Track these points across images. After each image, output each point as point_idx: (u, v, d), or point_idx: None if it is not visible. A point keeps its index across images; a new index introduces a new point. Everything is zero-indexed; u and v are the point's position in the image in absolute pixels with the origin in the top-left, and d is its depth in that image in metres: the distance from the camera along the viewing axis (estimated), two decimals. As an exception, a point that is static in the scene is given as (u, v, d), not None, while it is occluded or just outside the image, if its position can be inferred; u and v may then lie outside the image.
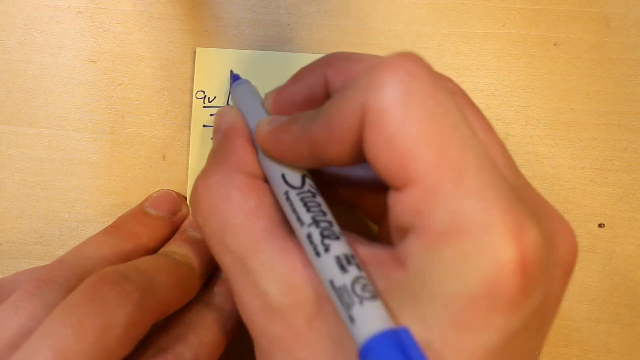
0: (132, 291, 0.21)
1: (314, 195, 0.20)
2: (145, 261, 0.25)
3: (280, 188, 0.21)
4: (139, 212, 0.28)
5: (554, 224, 0.19)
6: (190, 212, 0.22)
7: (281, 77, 0.29)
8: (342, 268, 0.18)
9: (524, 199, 0.18)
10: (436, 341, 0.17)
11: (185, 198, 0.30)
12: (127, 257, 0.26)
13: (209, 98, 0.30)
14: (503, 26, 0.30)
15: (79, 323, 0.20)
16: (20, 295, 0.22)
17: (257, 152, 0.23)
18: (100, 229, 0.30)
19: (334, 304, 0.18)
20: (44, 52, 0.30)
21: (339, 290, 0.18)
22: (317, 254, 0.19)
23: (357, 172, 0.26)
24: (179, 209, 0.29)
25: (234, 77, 0.29)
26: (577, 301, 0.30)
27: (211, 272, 0.28)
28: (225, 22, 0.30)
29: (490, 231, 0.16)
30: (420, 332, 0.17)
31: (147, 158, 0.30)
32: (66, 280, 0.23)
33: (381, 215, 0.25)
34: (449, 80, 0.21)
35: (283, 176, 0.21)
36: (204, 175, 0.22)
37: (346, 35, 0.30)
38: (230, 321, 0.26)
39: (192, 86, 0.30)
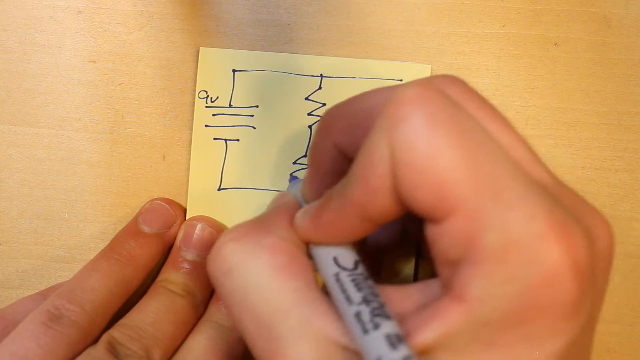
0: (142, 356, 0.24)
1: (366, 278, 0.19)
2: (145, 316, 0.26)
3: (330, 270, 0.20)
4: (135, 232, 0.29)
5: (589, 217, 0.19)
6: (208, 269, 0.21)
7: (283, 78, 0.29)
8: (392, 345, 0.17)
9: (559, 198, 0.18)
10: None
11: (179, 205, 0.30)
12: (128, 282, 0.27)
13: (211, 98, 0.30)
14: (503, 26, 0.30)
15: None
16: (37, 326, 0.24)
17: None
18: (100, 229, 0.30)
19: None
20: (44, 52, 0.30)
21: None
22: (365, 331, 0.17)
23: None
24: (173, 221, 0.29)
25: (292, 178, 0.29)
26: (577, 301, 0.30)
27: (212, 289, 0.29)
28: (225, 22, 0.30)
29: (541, 239, 0.16)
30: (492, 358, 0.17)
31: (147, 158, 0.30)
32: (76, 315, 0.24)
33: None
34: (454, 81, 0.20)
35: (335, 259, 0.20)
36: (235, 230, 0.21)
37: (346, 35, 0.30)
38: (238, 343, 0.27)
39: (192, 86, 0.30)
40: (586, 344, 0.19)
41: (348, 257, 0.20)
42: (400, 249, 0.29)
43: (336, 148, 0.22)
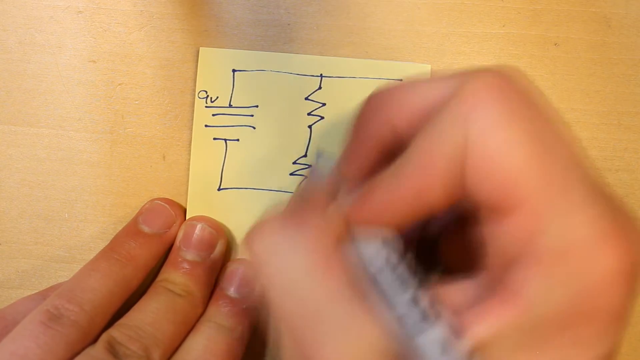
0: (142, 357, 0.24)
1: (412, 275, 0.19)
2: (145, 316, 0.26)
3: (375, 264, 0.19)
4: (135, 232, 0.29)
5: (634, 222, 0.18)
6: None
7: (283, 78, 0.29)
8: (442, 349, 0.17)
9: (614, 203, 0.18)
10: None
11: (179, 205, 0.30)
12: (128, 282, 0.27)
13: (211, 98, 0.30)
14: (503, 26, 0.30)
15: None
16: (37, 326, 0.23)
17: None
18: (100, 229, 0.30)
19: None
20: (44, 52, 0.30)
21: None
22: (413, 333, 0.17)
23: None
24: (173, 221, 0.29)
25: (319, 154, 0.28)
26: (577, 301, 0.30)
27: (212, 289, 0.29)
28: (225, 22, 0.30)
29: (603, 242, 0.16)
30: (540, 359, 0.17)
31: (147, 158, 0.30)
32: (75, 315, 0.24)
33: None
34: (521, 76, 0.19)
35: (380, 253, 0.19)
36: (273, 219, 0.20)
37: (346, 35, 0.30)
38: (238, 343, 0.27)
39: (192, 86, 0.30)
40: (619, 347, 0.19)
41: (394, 251, 0.19)
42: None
43: (391, 127, 0.21)
